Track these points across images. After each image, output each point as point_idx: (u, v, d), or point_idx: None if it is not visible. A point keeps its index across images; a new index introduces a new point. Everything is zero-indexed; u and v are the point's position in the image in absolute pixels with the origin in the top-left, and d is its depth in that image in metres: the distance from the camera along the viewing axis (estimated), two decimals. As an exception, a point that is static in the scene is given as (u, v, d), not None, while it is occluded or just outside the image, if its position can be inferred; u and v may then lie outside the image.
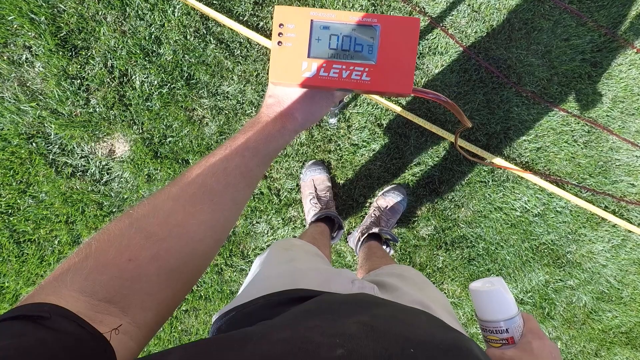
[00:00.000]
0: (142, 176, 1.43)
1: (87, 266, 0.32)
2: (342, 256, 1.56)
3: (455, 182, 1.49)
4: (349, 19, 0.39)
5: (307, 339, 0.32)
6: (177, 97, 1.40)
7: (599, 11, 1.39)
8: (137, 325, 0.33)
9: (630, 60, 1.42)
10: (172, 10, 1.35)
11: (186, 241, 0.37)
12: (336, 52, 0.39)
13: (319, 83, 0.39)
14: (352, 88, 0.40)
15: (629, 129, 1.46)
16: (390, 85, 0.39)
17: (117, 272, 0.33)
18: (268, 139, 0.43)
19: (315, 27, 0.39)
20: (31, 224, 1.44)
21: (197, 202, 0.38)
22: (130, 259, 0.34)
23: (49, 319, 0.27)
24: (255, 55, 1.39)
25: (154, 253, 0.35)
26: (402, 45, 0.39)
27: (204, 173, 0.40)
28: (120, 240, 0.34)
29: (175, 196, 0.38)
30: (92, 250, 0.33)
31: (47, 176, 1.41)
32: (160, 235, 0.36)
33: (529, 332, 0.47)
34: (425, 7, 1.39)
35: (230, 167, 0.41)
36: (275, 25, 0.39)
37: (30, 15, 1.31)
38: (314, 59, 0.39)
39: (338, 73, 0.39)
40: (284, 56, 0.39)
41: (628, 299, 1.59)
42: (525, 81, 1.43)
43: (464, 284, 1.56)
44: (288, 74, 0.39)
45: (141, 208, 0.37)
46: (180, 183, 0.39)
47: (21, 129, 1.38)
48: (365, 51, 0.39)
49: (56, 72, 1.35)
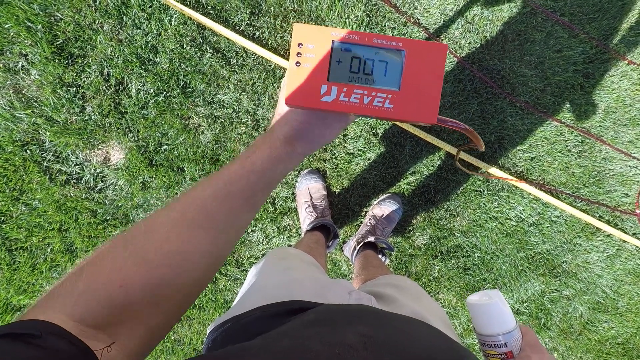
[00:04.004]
0: (137, 184, 1.42)
1: (77, 291, 0.31)
2: (338, 265, 1.55)
3: (451, 191, 1.49)
4: (373, 41, 0.36)
5: (306, 347, 0.32)
6: (173, 106, 1.40)
7: (590, 23, 1.42)
8: (125, 353, 0.32)
9: (621, 71, 1.44)
10: (168, 19, 1.36)
11: (181, 269, 0.36)
12: (357, 76, 0.37)
13: (339, 108, 0.37)
14: (373, 115, 0.38)
15: (621, 139, 1.48)
16: (414, 114, 0.37)
17: (107, 298, 0.32)
18: (276, 162, 0.40)
19: (336, 48, 0.36)
20: (24, 232, 1.43)
21: (196, 227, 0.37)
22: (121, 285, 0.32)
23: (40, 337, 0.26)
24: (251, 64, 1.40)
25: (146, 280, 0.34)
26: (427, 72, 0.36)
27: (206, 196, 0.38)
28: (113, 265, 0.33)
29: (173, 220, 0.37)
30: (83, 272, 0.32)
31: (41, 183, 1.41)
32: (154, 263, 0.34)
33: (528, 346, 0.46)
34: (420, 19, 1.41)
35: (233, 190, 0.38)
36: (293, 45, 0.36)
37: (27, 23, 1.32)
38: (333, 82, 0.37)
39: (359, 99, 0.37)
40: (302, 78, 0.37)
41: (624, 310, 1.58)
42: (519, 91, 1.44)
43: (460, 293, 1.55)
44: (305, 97, 0.37)
45: (137, 230, 0.36)
46: (180, 205, 0.38)
47: (16, 136, 1.38)
48: (389, 76, 0.37)
49: (52, 80, 1.35)
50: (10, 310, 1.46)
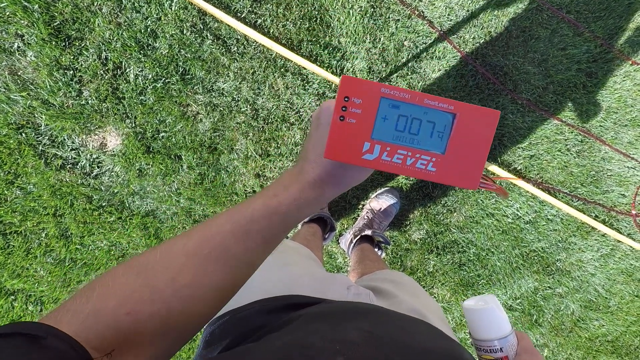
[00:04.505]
0: (134, 171, 1.41)
1: (86, 311, 0.31)
2: (334, 257, 1.55)
3: (448, 187, 1.49)
4: (424, 101, 0.35)
5: (307, 343, 0.32)
6: (172, 92, 1.38)
7: (595, 22, 1.40)
8: None
9: (625, 71, 1.44)
10: (169, 3, 1.33)
11: (191, 303, 0.35)
12: (402, 135, 0.36)
13: (380, 168, 0.36)
14: (415, 177, 0.37)
15: (621, 139, 1.48)
16: (457, 180, 0.36)
17: (114, 324, 0.32)
18: (302, 206, 0.39)
19: (383, 104, 0.35)
20: (18, 216, 1.41)
21: (212, 263, 0.36)
22: (129, 312, 0.32)
23: (44, 338, 0.27)
24: (252, 52, 1.38)
25: (154, 310, 0.33)
26: (476, 138, 0.35)
27: (225, 231, 0.37)
28: (124, 290, 0.33)
29: (190, 252, 0.36)
30: (94, 295, 0.33)
31: (36, 167, 1.39)
32: (165, 293, 0.34)
33: (523, 351, 0.46)
34: (425, 11, 1.39)
35: (253, 230, 0.37)
36: (339, 98, 0.35)
37: (23, 2, 1.29)
38: (377, 141, 0.36)
39: (402, 159, 0.36)
40: (346, 133, 0.35)
41: (615, 308, 1.60)
42: (521, 89, 1.43)
43: (454, 288, 1.56)
44: (346, 153, 0.35)
45: (152, 258, 0.36)
46: (198, 238, 0.37)
47: (11, 118, 1.35)
48: (435, 138, 0.35)
49: (48, 62, 1.33)
50: (5, 295, 1.46)
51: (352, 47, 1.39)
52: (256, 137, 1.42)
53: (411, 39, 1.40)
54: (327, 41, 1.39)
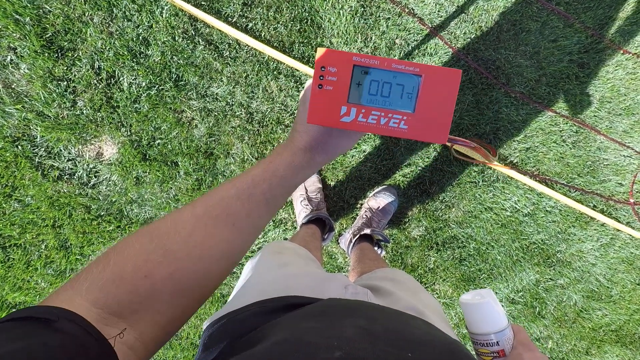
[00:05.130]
0: (131, 179, 1.41)
1: (104, 277, 0.33)
2: (334, 258, 1.55)
3: (446, 182, 1.49)
4: (392, 66, 0.38)
5: (304, 340, 0.32)
6: (166, 99, 1.38)
7: (585, 13, 1.41)
8: (143, 342, 0.33)
9: (616, 61, 1.44)
10: (160, 11, 1.34)
11: (203, 263, 0.37)
12: (375, 98, 0.39)
13: (357, 128, 0.40)
14: (389, 135, 0.40)
15: (616, 129, 1.48)
16: (427, 134, 0.39)
17: (132, 288, 0.33)
18: (296, 169, 0.43)
19: (356, 71, 0.39)
20: (17, 229, 1.41)
21: (220, 225, 0.38)
22: (147, 275, 0.34)
23: (56, 321, 0.28)
24: (245, 56, 1.38)
25: (170, 272, 0.35)
26: (441, 96, 0.39)
27: (230, 196, 0.40)
28: (139, 255, 0.34)
29: (198, 216, 0.38)
30: (110, 261, 0.34)
31: (33, 180, 1.39)
32: (178, 254, 0.36)
33: (520, 344, 0.47)
34: (415, 9, 1.40)
35: (256, 193, 0.40)
36: (317, 68, 0.39)
37: (15, 16, 1.29)
38: (353, 104, 0.39)
39: (376, 120, 0.39)
40: (324, 99, 0.39)
41: (617, 297, 1.60)
42: (514, 82, 1.44)
43: (456, 284, 1.56)
44: (326, 117, 0.39)
45: (163, 224, 0.37)
46: (204, 203, 0.39)
47: (6, 131, 1.36)
48: (405, 99, 0.39)
49: (42, 74, 1.33)
50: (6, 308, 1.46)
51: (344, 47, 1.40)
52: (252, 141, 1.43)
53: (402, 37, 1.41)
54: (319, 42, 1.39)
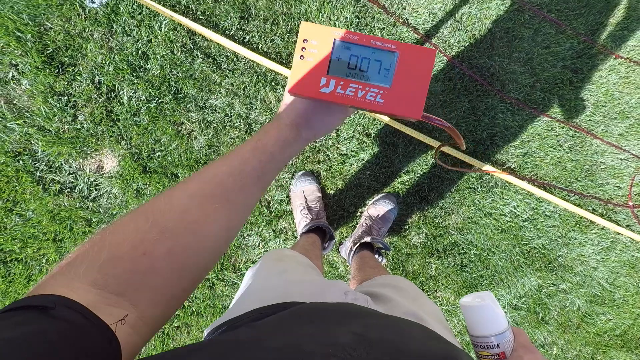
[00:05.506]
0: (131, 191, 1.42)
1: (101, 258, 0.32)
2: (335, 267, 1.55)
3: (445, 189, 1.50)
4: (371, 42, 0.40)
5: (300, 347, 0.32)
6: (165, 112, 1.40)
7: (577, 19, 1.43)
8: (144, 320, 0.33)
9: (609, 65, 1.46)
10: (158, 26, 1.36)
11: (200, 238, 0.38)
12: (354, 72, 0.41)
13: (335, 99, 0.41)
14: (366, 108, 0.41)
15: (611, 132, 1.49)
16: (402, 109, 0.41)
17: (131, 266, 0.33)
18: (284, 145, 0.44)
19: (337, 46, 0.40)
20: (18, 243, 1.42)
21: (214, 201, 0.39)
22: (145, 253, 0.34)
23: (53, 309, 0.27)
24: (243, 68, 1.40)
25: (168, 248, 0.35)
26: (416, 73, 0.40)
27: (222, 172, 0.41)
28: (135, 234, 0.34)
29: (192, 193, 0.39)
30: (106, 242, 0.33)
31: (34, 194, 1.40)
32: (175, 231, 0.36)
33: (520, 346, 0.47)
34: (409, 19, 1.42)
35: (247, 169, 0.41)
36: (299, 40, 0.40)
37: (17, 33, 1.32)
38: (332, 76, 0.41)
39: (354, 92, 0.41)
40: (305, 70, 0.41)
41: (620, 301, 1.59)
42: (509, 88, 1.45)
43: (458, 291, 1.56)
44: (306, 87, 0.41)
45: (157, 202, 0.38)
46: (197, 180, 0.40)
47: (7, 146, 1.37)
48: (382, 74, 0.41)
49: (43, 89, 1.35)
50: (6, 323, 1.45)
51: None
52: (251, 151, 1.44)
53: (397, 46, 1.43)
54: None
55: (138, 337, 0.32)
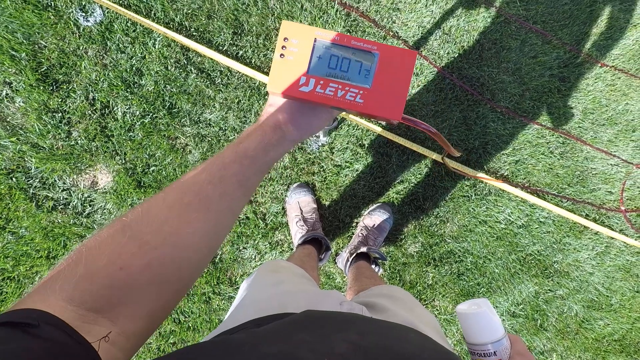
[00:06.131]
0: (126, 207, 1.42)
1: (77, 274, 0.31)
2: (332, 278, 1.54)
3: (439, 198, 1.51)
4: (351, 42, 0.40)
5: (296, 355, 0.32)
6: (160, 127, 1.41)
7: (562, 30, 1.47)
8: (125, 336, 0.32)
9: (595, 74, 1.50)
10: (152, 42, 1.38)
11: (180, 250, 0.36)
12: (334, 72, 0.41)
13: (314, 99, 0.41)
14: (345, 107, 0.41)
15: (601, 138, 1.52)
16: (381, 110, 0.41)
17: (108, 281, 0.32)
18: (267, 148, 0.43)
19: (317, 45, 0.40)
20: (10, 261, 1.40)
21: (193, 211, 0.38)
22: (122, 267, 0.33)
23: (37, 326, 0.27)
24: (236, 82, 1.42)
25: (146, 262, 0.34)
26: (397, 75, 0.40)
27: (201, 180, 0.39)
28: (113, 248, 0.33)
29: (170, 204, 0.37)
30: (82, 257, 0.32)
31: (27, 211, 1.39)
32: (153, 244, 0.35)
33: (517, 354, 0.47)
34: (399, 32, 1.45)
35: (227, 175, 0.40)
36: (280, 38, 0.40)
37: (11, 52, 1.33)
38: (312, 75, 0.40)
39: (334, 92, 0.40)
40: (285, 68, 0.41)
41: (617, 306, 1.60)
42: (498, 97, 1.48)
43: (455, 299, 1.55)
44: (286, 85, 0.40)
45: (135, 214, 0.36)
46: (176, 190, 0.39)
47: (1, 164, 1.36)
48: (362, 75, 0.41)
49: (37, 107, 1.35)
50: None
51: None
52: (246, 164, 1.44)
53: (388, 59, 1.45)
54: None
55: (121, 354, 0.32)
